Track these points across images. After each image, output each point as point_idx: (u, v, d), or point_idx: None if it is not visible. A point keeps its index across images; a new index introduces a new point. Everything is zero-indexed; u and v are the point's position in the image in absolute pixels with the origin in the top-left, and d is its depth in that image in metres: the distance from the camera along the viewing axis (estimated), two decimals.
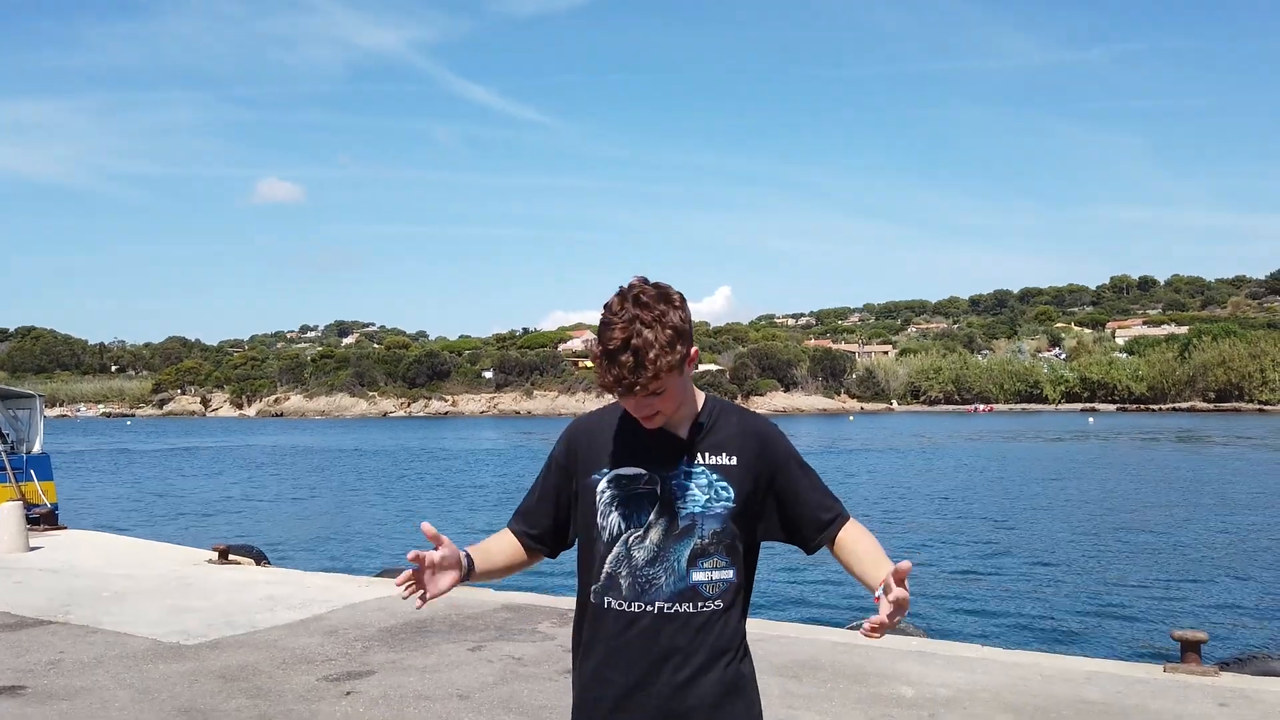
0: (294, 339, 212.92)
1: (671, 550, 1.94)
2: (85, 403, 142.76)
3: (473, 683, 5.39)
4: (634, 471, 1.98)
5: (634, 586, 1.94)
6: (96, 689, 5.31)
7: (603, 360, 1.86)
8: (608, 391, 1.90)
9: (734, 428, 2.04)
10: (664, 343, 1.83)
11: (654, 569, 1.94)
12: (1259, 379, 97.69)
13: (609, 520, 1.97)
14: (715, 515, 1.95)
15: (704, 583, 1.94)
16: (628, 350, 1.82)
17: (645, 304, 1.85)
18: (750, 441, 2.02)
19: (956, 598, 12.50)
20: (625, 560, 1.95)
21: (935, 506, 22.76)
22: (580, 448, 2.06)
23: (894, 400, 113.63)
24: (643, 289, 1.88)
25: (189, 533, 18.31)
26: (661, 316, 1.84)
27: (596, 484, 1.99)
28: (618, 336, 1.83)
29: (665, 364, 1.84)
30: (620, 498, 1.97)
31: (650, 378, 1.83)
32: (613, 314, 1.86)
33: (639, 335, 1.82)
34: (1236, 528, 18.60)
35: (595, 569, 1.99)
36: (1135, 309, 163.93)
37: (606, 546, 1.97)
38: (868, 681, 5.34)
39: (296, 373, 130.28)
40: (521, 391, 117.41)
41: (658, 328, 1.83)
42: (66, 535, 12.30)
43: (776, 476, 2.04)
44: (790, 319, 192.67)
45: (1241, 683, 5.26)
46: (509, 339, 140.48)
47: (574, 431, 2.11)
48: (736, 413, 2.08)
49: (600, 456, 2.01)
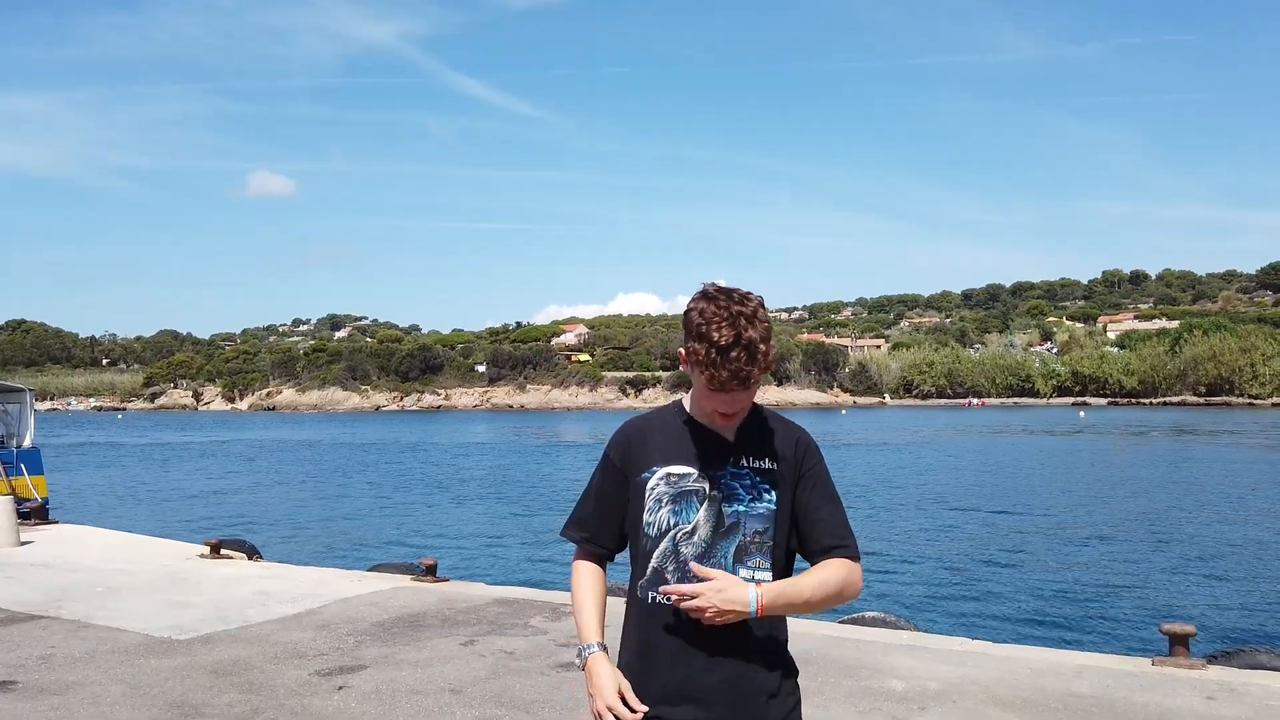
0: (286, 333, 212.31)
1: (718, 547, 2.00)
2: (76, 396, 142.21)
3: (465, 677, 5.40)
4: (684, 470, 2.04)
5: (681, 581, 1.98)
6: (88, 684, 5.30)
7: (714, 355, 1.91)
8: (717, 387, 1.94)
9: (778, 434, 2.10)
10: (771, 341, 1.96)
11: (701, 564, 1.99)
12: (1249, 373, 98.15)
13: (657, 516, 2.03)
14: (758, 515, 2.02)
15: (748, 580, 1.98)
16: (739, 346, 1.90)
17: (742, 301, 1.94)
18: (789, 449, 2.09)
19: (947, 591, 12.55)
20: (672, 555, 2.01)
21: (926, 500, 22.84)
22: (632, 447, 2.12)
23: (886, 394, 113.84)
24: (733, 289, 1.98)
25: (181, 527, 18.28)
26: (758, 313, 1.94)
27: (647, 481, 2.05)
28: (727, 333, 1.90)
29: (773, 357, 1.96)
30: (670, 494, 2.03)
31: (762, 370, 1.94)
32: (717, 308, 1.92)
33: (748, 331, 1.91)
34: (1224, 522, 18.71)
35: (643, 564, 2.05)
36: (1126, 303, 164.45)
37: (654, 542, 2.03)
38: (858, 675, 5.36)
39: (289, 366, 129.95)
40: (514, 385, 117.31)
41: (759, 324, 1.93)
42: (57, 530, 12.26)
43: (801, 483, 2.09)
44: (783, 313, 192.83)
45: (1229, 676, 5.30)
46: (502, 333, 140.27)
47: (626, 432, 2.17)
48: (780, 421, 2.15)
49: (651, 455, 2.08)
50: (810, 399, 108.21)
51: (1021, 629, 10.45)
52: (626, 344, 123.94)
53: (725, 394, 1.97)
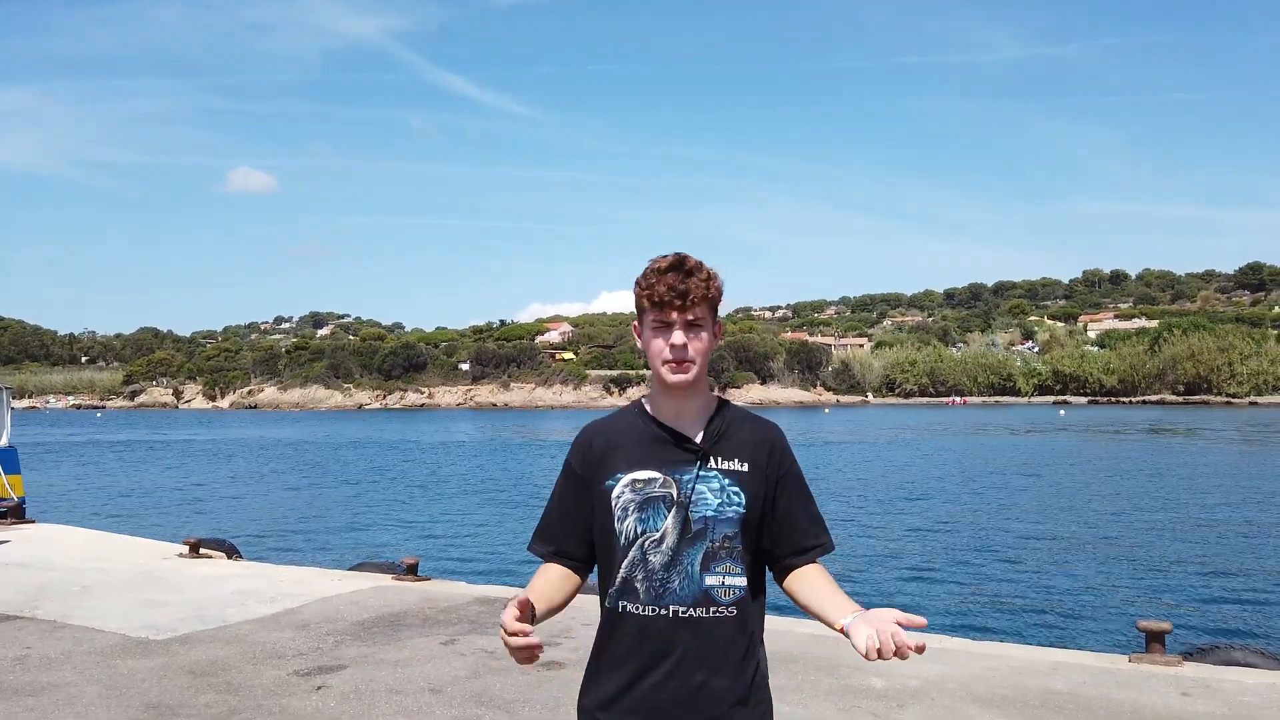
0: (268, 330, 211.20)
1: (685, 554, 1.94)
2: (54, 394, 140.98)
3: (445, 676, 5.38)
4: (649, 474, 1.97)
5: (650, 590, 1.94)
6: (64, 685, 5.26)
7: (652, 278, 1.96)
8: (654, 306, 1.96)
9: (747, 434, 2.04)
10: (715, 277, 1.99)
11: (668, 573, 1.93)
12: (1227, 372, 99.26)
13: (625, 525, 1.96)
14: (727, 519, 1.95)
15: (716, 587, 1.94)
16: (681, 269, 1.96)
17: (690, 256, 2.01)
18: (762, 449, 2.03)
19: (926, 589, 12.62)
20: (641, 564, 1.95)
21: (907, 498, 22.96)
22: (594, 453, 2.05)
23: (869, 393, 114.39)
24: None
25: (159, 526, 18.14)
26: (705, 267, 2.00)
27: (612, 489, 1.99)
28: (669, 259, 1.98)
29: (715, 286, 1.98)
30: (636, 501, 1.97)
31: (702, 283, 1.95)
32: (662, 256, 2.00)
33: (689, 260, 1.98)
34: (1201, 520, 18.90)
35: (612, 574, 1.99)
36: (1107, 303, 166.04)
37: (623, 551, 1.96)
38: (839, 673, 5.38)
39: (270, 364, 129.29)
40: (498, 384, 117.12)
41: (704, 269, 1.99)
42: (34, 529, 12.13)
43: (777, 486, 2.04)
44: (767, 312, 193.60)
45: (1204, 672, 5.35)
46: (486, 331, 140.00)
47: (587, 437, 2.10)
48: (750, 419, 2.09)
49: (615, 461, 2.01)
50: (793, 397, 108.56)
51: (1000, 626, 10.52)
52: (610, 342, 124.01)
53: (669, 328, 1.95)
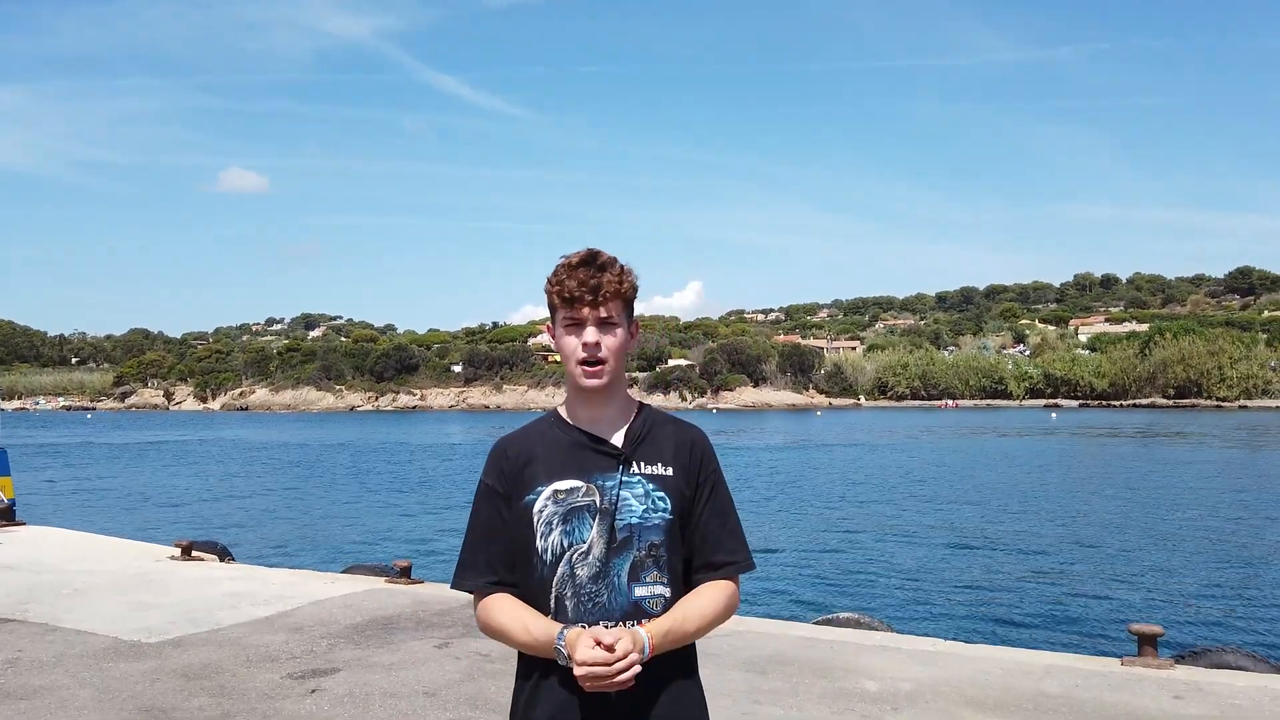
0: (259, 331, 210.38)
1: (612, 565, 1.85)
2: (44, 395, 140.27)
3: (439, 680, 5.37)
4: (571, 484, 1.88)
5: (579, 607, 1.84)
6: (56, 688, 5.23)
7: (562, 274, 1.90)
8: (565, 303, 1.90)
9: (670, 437, 1.96)
10: (628, 274, 1.93)
11: (597, 586, 1.84)
12: (1217, 376, 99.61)
13: (550, 540, 1.86)
14: (653, 527, 1.87)
15: (646, 598, 1.86)
16: (593, 264, 1.90)
17: (606, 254, 1.95)
18: (684, 452, 1.95)
19: (919, 592, 12.64)
20: (569, 580, 1.85)
21: (899, 501, 22.99)
22: (511, 467, 1.94)
23: (861, 396, 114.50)
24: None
25: (151, 529, 18.07)
26: (618, 261, 1.94)
27: (533, 504, 1.88)
28: (581, 254, 1.92)
29: (627, 283, 1.91)
30: (560, 514, 1.87)
31: (615, 279, 1.89)
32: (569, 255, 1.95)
33: (602, 256, 1.92)
34: (1192, 523, 18.97)
35: (542, 596, 1.87)
36: (1098, 306, 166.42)
37: (550, 569, 1.86)
38: (832, 676, 5.39)
39: (262, 366, 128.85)
40: (491, 386, 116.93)
41: (617, 261, 1.94)
42: (25, 531, 12.06)
43: (698, 494, 1.95)
44: (760, 314, 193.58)
45: (1196, 675, 5.38)
46: (478, 333, 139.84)
47: (501, 451, 1.98)
48: (672, 422, 2.01)
49: (535, 472, 1.91)
50: (785, 400, 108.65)
51: (992, 629, 10.55)
52: None
53: (581, 326, 1.89)
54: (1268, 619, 11.11)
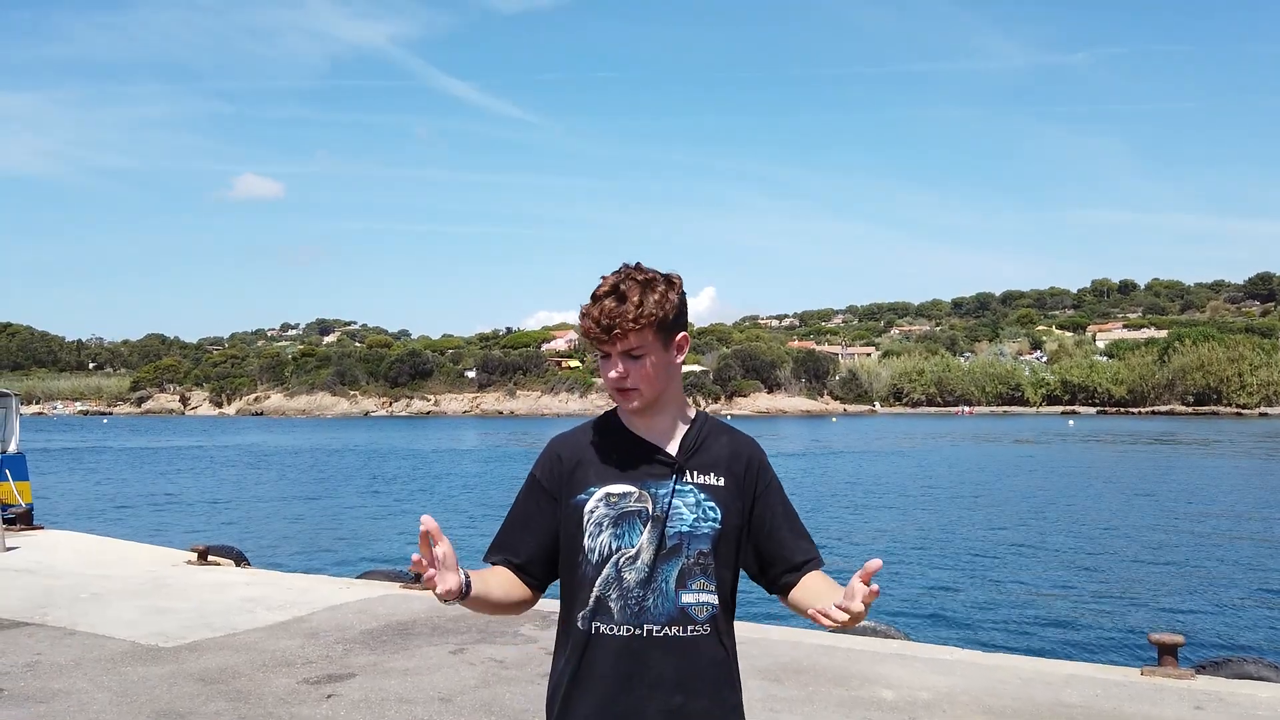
0: (275, 337, 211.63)
1: (660, 571, 1.86)
2: (62, 400, 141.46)
3: (454, 686, 5.37)
4: (624, 489, 1.89)
5: (625, 610, 1.86)
6: (74, 691, 5.26)
7: (586, 306, 1.89)
8: (588, 339, 1.89)
9: (724, 448, 1.97)
10: (654, 298, 1.86)
11: (643, 590, 1.86)
12: (1236, 383, 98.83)
13: (599, 541, 1.88)
14: (702, 536, 1.88)
15: (693, 605, 1.87)
16: (614, 295, 1.86)
17: (639, 269, 1.91)
18: (738, 463, 1.96)
19: (936, 601, 12.57)
20: (615, 582, 1.87)
21: (915, 508, 22.88)
22: (564, 467, 1.96)
23: (876, 402, 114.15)
24: (641, 266, 1.94)
25: (167, 533, 18.17)
26: (653, 282, 1.88)
27: (584, 504, 1.90)
28: (607, 283, 1.88)
29: (648, 313, 1.84)
30: (611, 517, 1.88)
31: (632, 319, 1.83)
32: (613, 272, 1.92)
33: (626, 283, 1.87)
34: (1213, 532, 18.79)
35: (583, 595, 1.89)
36: (1115, 312, 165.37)
37: (595, 569, 1.88)
38: (849, 684, 5.36)
39: (277, 371, 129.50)
40: (504, 391, 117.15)
41: (653, 287, 1.87)
42: (43, 536, 12.16)
43: (756, 504, 1.97)
44: (774, 320, 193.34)
45: (1217, 685, 5.32)
46: (492, 338, 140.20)
47: (555, 449, 2.00)
48: (727, 432, 2.02)
49: (586, 475, 1.92)
50: (800, 406, 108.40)
51: (1011, 638, 10.46)
52: None
53: (608, 359, 1.89)
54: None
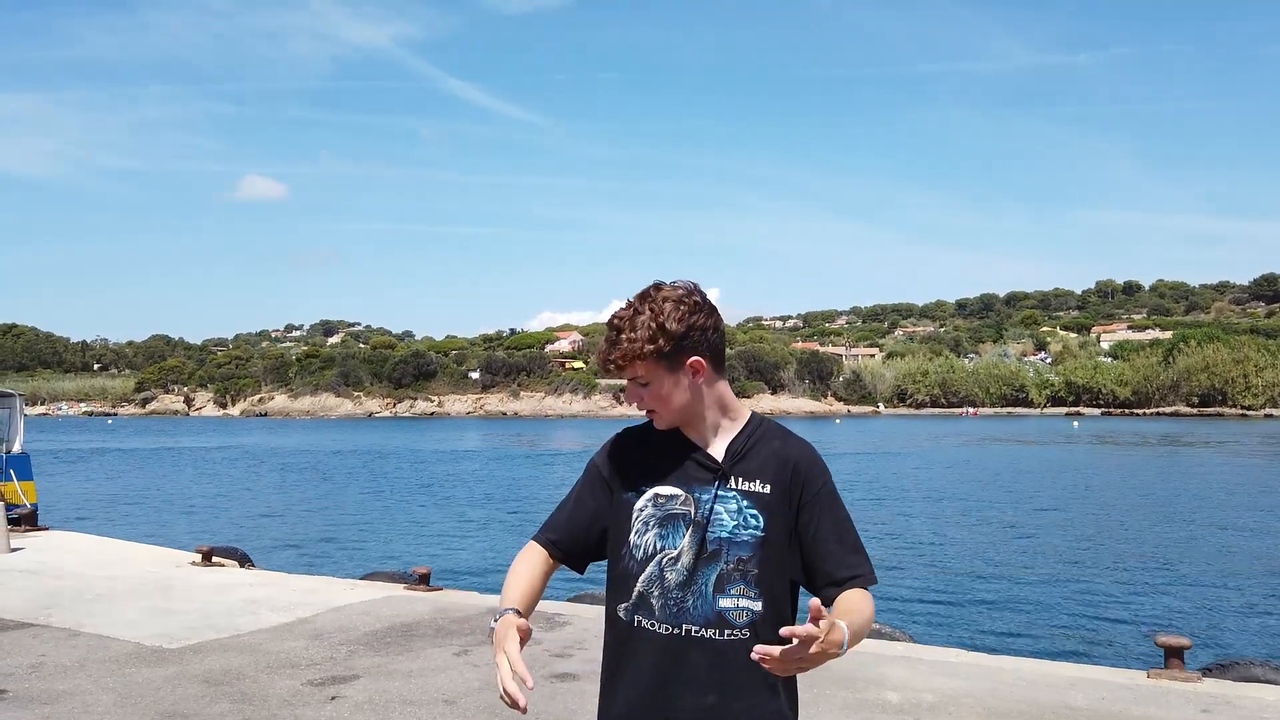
0: (279, 338, 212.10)
1: (700, 574, 1.89)
2: (67, 401, 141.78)
3: (459, 688, 5.37)
4: (672, 491, 1.93)
5: (666, 608, 1.89)
6: (78, 692, 5.26)
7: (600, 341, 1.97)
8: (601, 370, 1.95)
9: (772, 454, 1.95)
10: (645, 333, 1.86)
11: (683, 592, 1.89)
12: (1242, 384, 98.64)
13: (644, 539, 1.92)
14: (742, 543, 1.89)
15: (730, 609, 1.88)
16: (611, 328, 1.92)
17: (651, 297, 1.90)
18: (785, 470, 1.94)
19: (941, 602, 12.54)
20: (658, 580, 1.90)
21: (920, 510, 22.85)
22: (622, 462, 2.01)
23: (880, 403, 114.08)
24: (668, 288, 1.92)
25: (172, 534, 18.19)
26: (658, 311, 1.87)
27: (634, 501, 1.95)
28: (614, 314, 1.93)
29: (634, 350, 1.86)
30: (657, 517, 1.92)
31: (618, 358, 1.87)
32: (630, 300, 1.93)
33: (622, 315, 1.90)
34: (1219, 534, 18.75)
35: (627, 587, 1.94)
36: (1120, 313, 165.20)
37: (640, 565, 1.92)
38: (854, 686, 5.35)
39: (281, 372, 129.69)
40: (508, 392, 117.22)
41: (648, 317, 1.87)
42: (47, 536, 12.18)
43: (802, 512, 1.93)
44: (778, 321, 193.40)
45: (1223, 689, 5.29)
46: (496, 339, 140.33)
47: (617, 444, 2.06)
48: (780, 437, 1.99)
49: (640, 473, 1.97)
50: (804, 408, 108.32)
51: (1016, 640, 10.44)
52: None
53: (629, 385, 1.95)
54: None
